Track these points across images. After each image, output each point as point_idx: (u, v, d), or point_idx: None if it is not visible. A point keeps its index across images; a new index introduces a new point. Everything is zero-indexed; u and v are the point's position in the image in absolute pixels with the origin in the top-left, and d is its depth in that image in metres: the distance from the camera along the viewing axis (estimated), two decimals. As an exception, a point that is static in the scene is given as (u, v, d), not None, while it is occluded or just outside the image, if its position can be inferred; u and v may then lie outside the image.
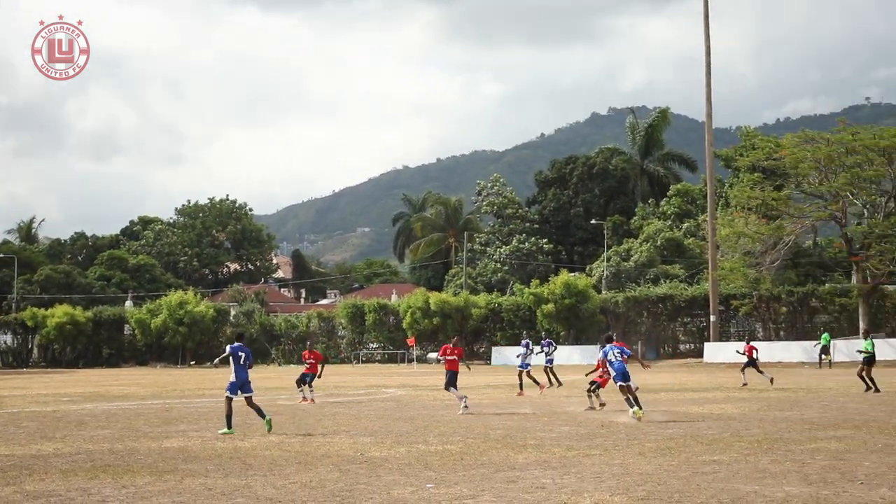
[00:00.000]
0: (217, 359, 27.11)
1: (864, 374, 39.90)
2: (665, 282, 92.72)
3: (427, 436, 24.96)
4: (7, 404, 39.15)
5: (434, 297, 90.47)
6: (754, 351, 46.40)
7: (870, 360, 40.01)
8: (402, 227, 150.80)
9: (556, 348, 49.35)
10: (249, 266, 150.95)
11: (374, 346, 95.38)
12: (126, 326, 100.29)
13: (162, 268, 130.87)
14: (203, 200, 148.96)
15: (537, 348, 47.92)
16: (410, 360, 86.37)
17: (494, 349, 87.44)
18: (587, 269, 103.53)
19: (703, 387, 45.65)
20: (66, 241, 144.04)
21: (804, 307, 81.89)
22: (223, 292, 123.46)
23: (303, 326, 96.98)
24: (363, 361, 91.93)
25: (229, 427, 25.86)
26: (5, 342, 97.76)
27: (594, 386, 31.63)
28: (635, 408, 28.03)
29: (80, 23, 43.69)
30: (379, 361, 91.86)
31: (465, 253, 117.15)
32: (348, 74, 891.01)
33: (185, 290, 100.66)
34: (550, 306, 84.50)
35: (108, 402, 40.64)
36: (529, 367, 43.31)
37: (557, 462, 19.70)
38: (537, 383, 43.34)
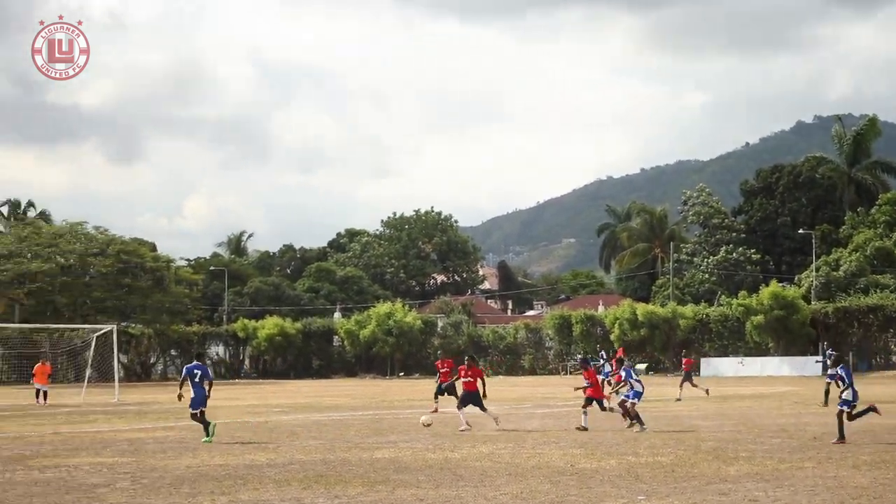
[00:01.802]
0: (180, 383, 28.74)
1: None
2: (875, 292, 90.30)
3: (637, 447, 24.68)
4: (221, 415, 39.92)
5: (641, 308, 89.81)
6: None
7: None
8: (607, 237, 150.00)
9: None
10: (456, 277, 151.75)
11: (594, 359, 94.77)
12: (335, 338, 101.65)
13: (369, 279, 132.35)
14: (408, 212, 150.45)
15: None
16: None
17: (703, 360, 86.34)
18: (796, 279, 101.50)
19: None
20: (274, 253, 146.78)
21: None
22: (430, 303, 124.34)
23: (510, 337, 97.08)
24: (570, 372, 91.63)
25: (208, 435, 27.34)
26: (217, 353, 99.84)
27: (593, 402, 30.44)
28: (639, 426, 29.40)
29: (80, 23, 43.98)
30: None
31: (671, 263, 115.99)
32: (550, 84, 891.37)
33: (393, 301, 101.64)
34: (760, 317, 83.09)
35: (320, 412, 41.18)
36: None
37: (770, 475, 19.28)
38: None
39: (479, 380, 31.36)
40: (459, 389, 31.96)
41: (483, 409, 30.85)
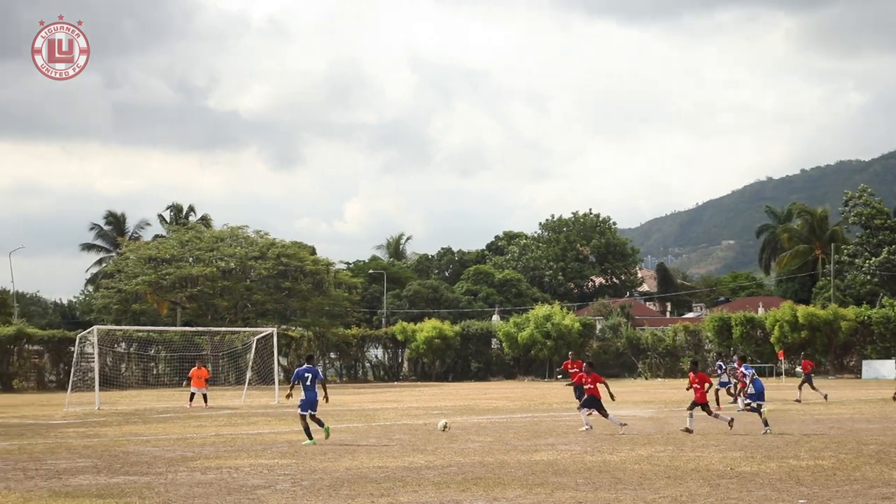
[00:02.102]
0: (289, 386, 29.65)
1: None
2: None
3: (798, 451, 24.31)
4: (380, 417, 40.24)
5: (802, 310, 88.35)
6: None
7: None
8: (766, 238, 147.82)
9: None
10: (614, 280, 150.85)
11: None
12: (493, 340, 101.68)
13: (527, 282, 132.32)
14: (567, 214, 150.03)
15: None
16: (779, 374, 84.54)
17: (865, 363, 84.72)
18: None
19: None
20: (433, 256, 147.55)
21: None
22: (588, 306, 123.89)
23: (669, 340, 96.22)
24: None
25: (310, 438, 28.02)
26: (377, 356, 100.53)
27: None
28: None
29: (80, 23, 44.03)
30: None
31: (832, 265, 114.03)
32: (708, 85, 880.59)
33: (551, 303, 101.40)
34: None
35: (478, 415, 41.24)
36: None
37: (939, 480, 18.84)
38: None
39: (599, 385, 31.14)
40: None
41: (605, 414, 30.70)
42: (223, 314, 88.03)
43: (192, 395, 50.40)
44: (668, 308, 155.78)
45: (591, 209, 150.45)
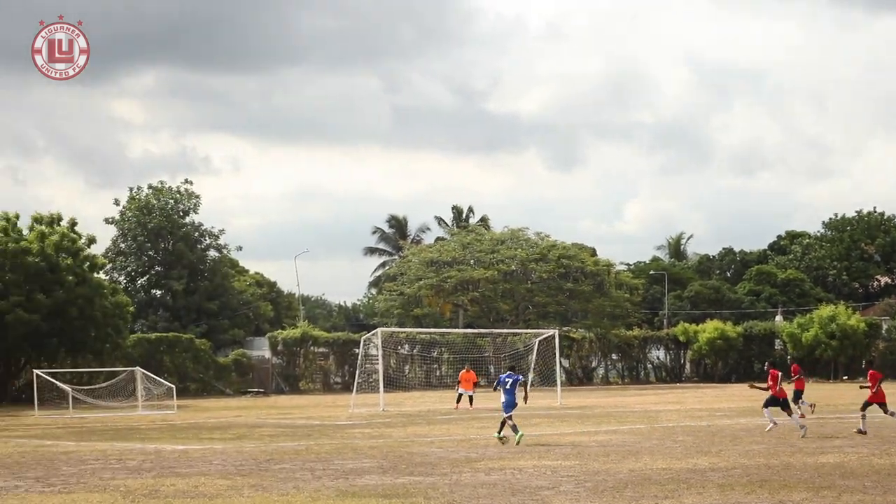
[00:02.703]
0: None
1: None
2: None
3: None
4: (662, 419, 40.01)
5: None
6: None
7: None
8: None
9: None
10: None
11: None
12: (776, 341, 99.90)
13: (811, 282, 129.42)
14: (850, 213, 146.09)
15: None
16: None
17: None
18: None
19: None
20: (714, 256, 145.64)
21: None
22: (874, 306, 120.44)
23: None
24: None
25: (515, 432, 28.97)
26: (658, 357, 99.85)
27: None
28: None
29: (80, 23, 43.39)
30: None
31: None
32: None
33: (836, 303, 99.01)
34: None
35: (760, 417, 40.60)
36: None
37: None
38: None
39: (775, 384, 31.37)
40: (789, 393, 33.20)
41: (789, 413, 31.01)
42: (505, 316, 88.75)
43: (460, 396, 51.00)
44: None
45: (874, 207, 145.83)
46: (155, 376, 59.29)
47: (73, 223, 71.18)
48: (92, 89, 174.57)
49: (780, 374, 31.73)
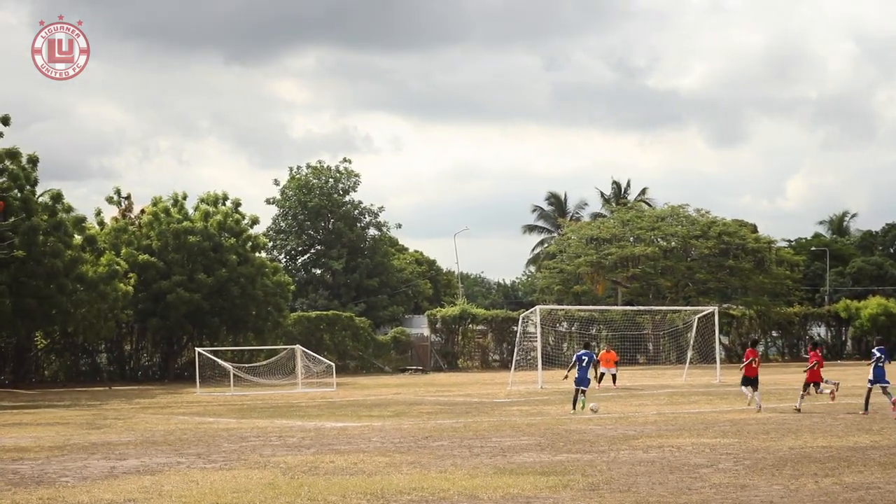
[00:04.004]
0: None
1: None
2: None
3: None
4: (823, 396, 39.44)
5: None
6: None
7: None
8: None
9: None
10: None
11: None
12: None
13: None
14: None
15: None
16: None
17: None
18: None
19: None
20: (876, 232, 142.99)
21: None
22: None
23: None
24: None
25: (574, 408, 33.07)
26: (819, 334, 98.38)
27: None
28: None
29: (80, 23, 43.12)
30: None
31: None
32: None
33: None
34: None
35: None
36: None
37: None
38: None
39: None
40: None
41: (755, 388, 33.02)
42: (664, 293, 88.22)
43: (602, 375, 50.39)
44: None
45: None
46: (315, 354, 59.93)
47: (237, 203, 72.37)
48: (254, 69, 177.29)
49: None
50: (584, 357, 34.08)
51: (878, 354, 31.44)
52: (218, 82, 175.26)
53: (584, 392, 33.37)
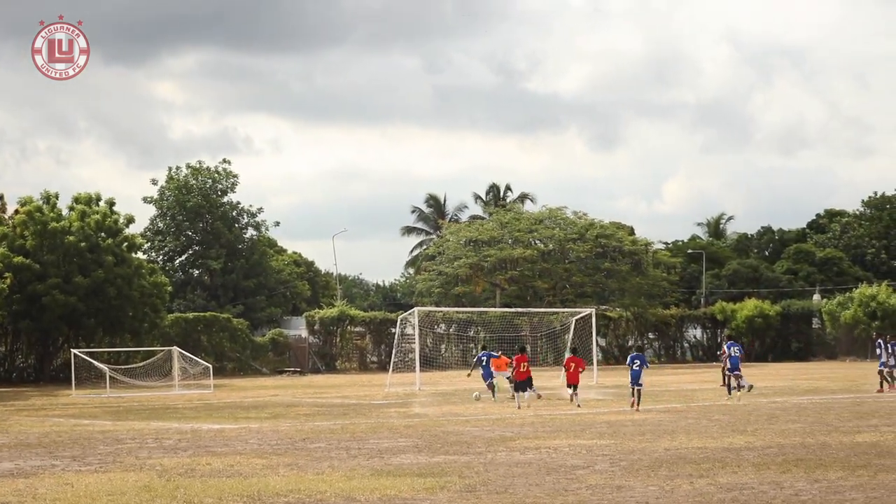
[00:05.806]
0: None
1: None
2: None
3: None
4: (698, 398, 40.01)
5: None
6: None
7: None
8: None
9: None
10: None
11: None
12: (814, 320, 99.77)
13: (849, 261, 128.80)
14: (889, 192, 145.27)
15: None
16: None
17: None
18: None
19: None
20: (752, 235, 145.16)
21: None
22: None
23: None
24: None
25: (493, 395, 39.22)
26: (695, 336, 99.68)
27: None
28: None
29: (80, 23, 43.44)
30: None
31: None
32: None
33: (877, 283, 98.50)
34: None
35: (799, 395, 40.57)
36: None
37: None
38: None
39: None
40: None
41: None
42: (542, 295, 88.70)
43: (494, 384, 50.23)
44: None
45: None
46: (192, 356, 59.46)
47: (111, 203, 71.40)
48: (134, 70, 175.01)
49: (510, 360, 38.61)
50: (483, 357, 41.31)
51: (730, 349, 38.05)
52: (98, 82, 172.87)
53: (492, 385, 39.78)
